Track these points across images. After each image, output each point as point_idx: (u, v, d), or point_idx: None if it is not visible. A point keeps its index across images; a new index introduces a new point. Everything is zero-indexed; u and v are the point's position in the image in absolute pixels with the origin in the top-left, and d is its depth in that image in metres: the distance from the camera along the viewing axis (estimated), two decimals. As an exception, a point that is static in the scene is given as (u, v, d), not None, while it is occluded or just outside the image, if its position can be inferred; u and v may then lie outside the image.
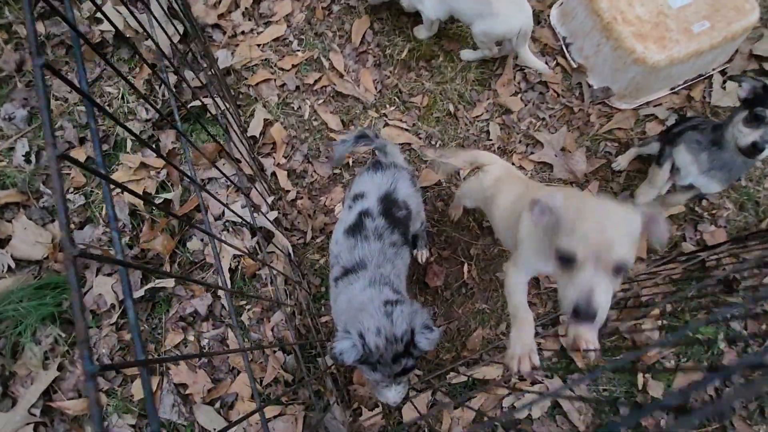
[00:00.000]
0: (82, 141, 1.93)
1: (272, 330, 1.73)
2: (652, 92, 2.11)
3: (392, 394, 1.24)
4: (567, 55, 2.18)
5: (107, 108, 1.99)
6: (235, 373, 1.70)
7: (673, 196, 1.84)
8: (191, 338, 1.73)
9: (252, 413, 0.74)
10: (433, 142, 2.03)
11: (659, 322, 1.77)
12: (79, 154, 1.92)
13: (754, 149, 1.41)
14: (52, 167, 0.39)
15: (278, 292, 1.71)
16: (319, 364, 1.69)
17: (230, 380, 1.68)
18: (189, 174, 1.05)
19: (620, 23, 1.95)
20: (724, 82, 2.16)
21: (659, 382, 1.70)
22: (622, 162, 2.00)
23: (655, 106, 2.14)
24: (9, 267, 1.72)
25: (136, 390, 1.64)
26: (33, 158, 1.89)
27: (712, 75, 2.17)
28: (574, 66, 2.15)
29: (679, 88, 2.15)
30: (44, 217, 1.82)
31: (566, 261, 0.88)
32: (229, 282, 1.77)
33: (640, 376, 1.70)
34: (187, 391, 1.64)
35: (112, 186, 1.80)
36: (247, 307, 1.76)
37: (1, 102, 1.94)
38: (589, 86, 2.12)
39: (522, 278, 1.16)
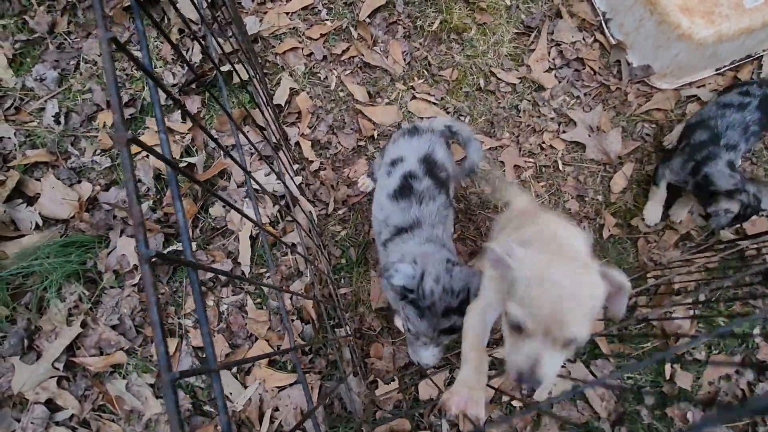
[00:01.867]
0: (109, 104, 1.93)
1: (291, 298, 1.72)
2: (696, 72, 2.00)
3: (428, 355, 1.18)
4: (606, 31, 2.08)
5: (135, 72, 2.00)
6: (253, 339, 1.70)
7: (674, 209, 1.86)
8: (211, 303, 1.74)
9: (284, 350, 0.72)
10: (461, 117, 1.97)
11: (692, 311, 1.69)
12: (107, 117, 1.92)
13: None
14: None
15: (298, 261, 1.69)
16: (337, 335, 1.67)
17: (248, 346, 1.68)
18: (214, 138, 1.02)
19: (666, -4, 1.84)
20: (775, 64, 2.03)
21: (688, 373, 1.63)
22: (673, 138, 1.91)
23: (698, 87, 2.03)
24: (37, 224, 1.75)
25: (156, 350, 1.65)
26: (62, 119, 1.91)
27: (762, 56, 2.05)
28: (613, 42, 2.05)
29: (725, 69, 2.03)
30: (71, 177, 1.84)
31: (516, 326, 0.81)
32: (249, 250, 1.76)
33: (668, 365, 1.63)
34: (205, 355, 1.64)
35: (136, 150, 1.78)
36: (267, 275, 1.75)
37: (33, 63, 1.96)
38: (629, 64, 2.02)
39: (482, 316, 1.05)
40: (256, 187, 1.81)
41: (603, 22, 2.09)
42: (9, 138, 1.87)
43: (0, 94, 1.91)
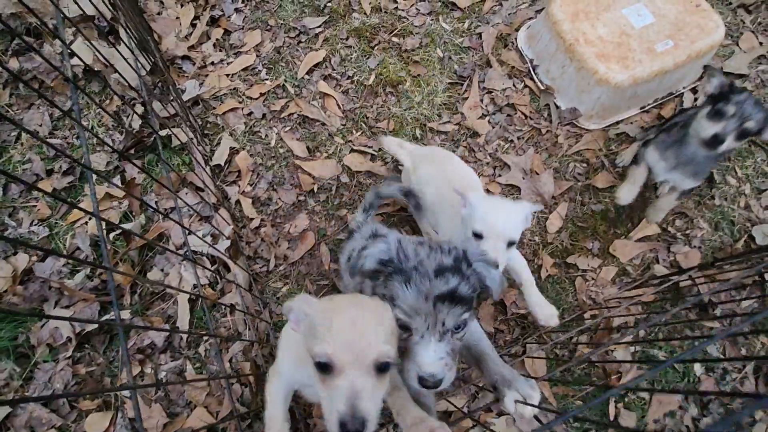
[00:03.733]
0: (49, 172, 1.94)
1: (230, 361, 1.69)
2: (620, 112, 2.09)
3: (430, 355, 0.85)
4: (534, 77, 2.17)
5: (75, 140, 2.02)
6: (192, 407, 1.65)
7: (662, 200, 1.85)
8: (148, 371, 1.70)
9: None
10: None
11: (632, 349, 1.70)
12: (46, 185, 1.93)
13: (714, 141, 1.52)
14: None
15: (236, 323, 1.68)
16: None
17: (186, 414, 1.64)
18: (152, 202, 1.02)
19: (582, 44, 1.95)
20: (696, 99, 2.14)
21: (632, 412, 1.62)
22: (625, 157, 2.01)
23: (626, 125, 2.11)
24: (-32, 300, 1.72)
25: (90, 426, 1.60)
26: (0, 190, 1.91)
27: (682, 93, 2.15)
28: (542, 88, 2.14)
29: (650, 106, 2.13)
30: (6, 249, 1.82)
31: (325, 368, 0.79)
32: (188, 313, 1.74)
33: (611, 406, 1.62)
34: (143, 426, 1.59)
35: (75, 217, 1.78)
36: (205, 338, 1.73)
37: (-28, 136, 1.98)
38: (557, 107, 2.11)
39: (282, 388, 1.06)
40: (195, 249, 1.81)
41: (531, 68, 2.19)
42: (-56, 212, 1.86)
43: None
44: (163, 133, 1.96)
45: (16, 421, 1.61)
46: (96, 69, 2.05)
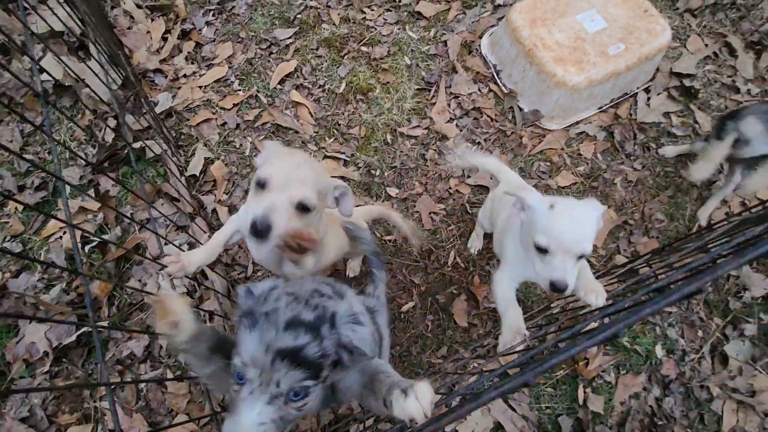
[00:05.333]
0: (21, 188, 1.94)
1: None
2: (579, 112, 2.20)
3: (251, 417, 0.74)
4: (498, 81, 2.27)
5: (47, 155, 2.02)
6: (174, 415, 1.66)
7: (752, 178, 1.81)
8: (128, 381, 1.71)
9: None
10: (372, 171, 2.08)
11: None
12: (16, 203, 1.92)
13: None
14: None
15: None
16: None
17: (168, 422, 1.65)
18: (127, 214, 1.06)
19: (541, 49, 2.06)
20: (648, 99, 2.27)
21: (600, 396, 1.70)
22: (668, 151, 2.14)
23: (585, 124, 2.23)
24: (-60, 320, 1.70)
25: (70, 439, 1.60)
26: (-30, 208, 1.90)
27: (636, 93, 2.28)
28: (506, 91, 2.24)
29: (607, 107, 2.25)
30: (-20, 266, 1.81)
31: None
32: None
33: (580, 390, 1.70)
34: (122, 438, 1.60)
35: (48, 232, 1.78)
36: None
37: (-60, 155, 1.96)
38: (521, 110, 2.21)
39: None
40: (172, 258, 1.83)
41: (495, 73, 2.29)
42: None
43: None
44: (136, 145, 1.98)
45: (-6, 439, 1.60)
46: (67, 84, 2.06)
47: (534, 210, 1.20)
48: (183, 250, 1.59)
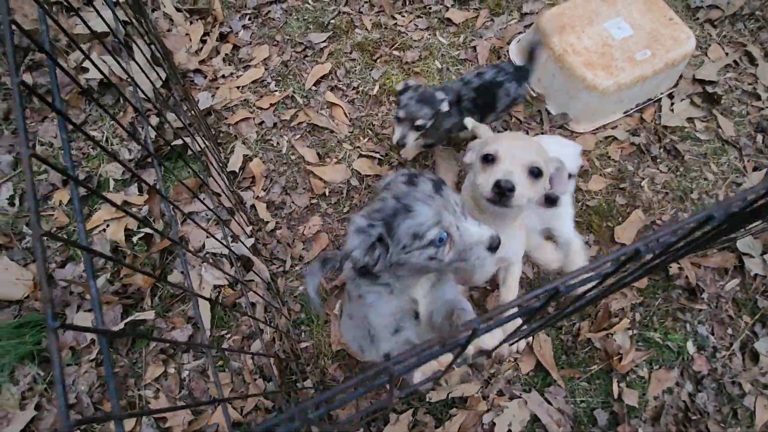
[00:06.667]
0: (65, 183, 1.99)
1: (252, 358, 1.75)
2: (606, 116, 2.26)
3: (477, 229, 0.92)
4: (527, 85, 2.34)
5: (91, 151, 2.08)
6: (217, 403, 1.69)
7: None
8: (171, 370, 1.74)
9: None
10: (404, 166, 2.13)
11: (630, 332, 1.82)
12: (63, 195, 1.98)
13: None
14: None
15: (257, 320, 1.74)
16: (299, 389, 1.70)
17: (211, 411, 1.68)
18: (169, 208, 1.10)
19: (570, 54, 2.12)
20: (672, 104, 2.33)
21: (634, 390, 1.73)
22: None
23: (612, 128, 2.28)
24: (-11, 307, 1.74)
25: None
26: (17, 201, 1.95)
27: (660, 98, 2.35)
28: (534, 95, 2.31)
29: (632, 111, 2.31)
30: (26, 257, 1.85)
31: (489, 161, 1.12)
32: (209, 314, 1.80)
33: (615, 385, 1.74)
34: (167, 425, 1.63)
35: (93, 224, 1.84)
36: (227, 336, 1.78)
37: (-14, 149, 2.02)
38: (548, 113, 2.27)
39: None
40: (214, 251, 1.88)
41: (523, 78, 2.35)
42: (-39, 223, 1.88)
43: (-48, 181, 1.94)
44: (177, 142, 2.04)
45: (41, 424, 1.63)
46: (111, 82, 2.12)
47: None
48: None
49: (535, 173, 1.10)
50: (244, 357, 1.76)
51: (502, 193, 1.05)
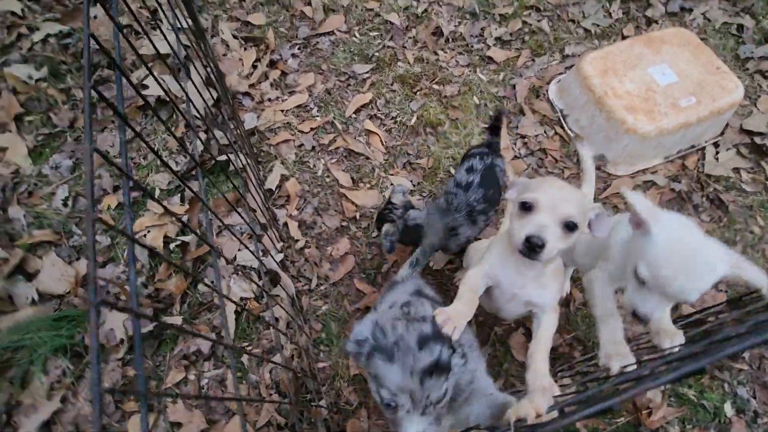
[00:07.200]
0: (115, 188, 2.12)
1: (270, 372, 1.76)
2: (646, 160, 2.22)
3: (413, 427, 0.91)
4: (564, 125, 2.34)
5: (141, 161, 2.22)
6: (230, 414, 1.71)
7: None
8: (192, 377, 1.77)
9: None
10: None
11: (662, 386, 1.72)
12: (112, 200, 2.10)
13: None
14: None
15: (278, 335, 1.76)
16: (312, 409, 1.69)
17: (225, 422, 1.69)
18: (206, 220, 1.17)
19: (611, 97, 2.12)
20: (717, 153, 2.27)
21: (664, 450, 1.63)
22: None
23: (652, 173, 2.24)
24: (33, 300, 1.84)
25: (132, 426, 1.66)
26: (70, 202, 2.09)
27: (705, 146, 2.29)
28: (572, 135, 2.30)
29: (674, 157, 2.26)
30: (71, 255, 1.97)
31: (527, 209, 1.09)
32: (233, 324, 1.84)
33: (643, 441, 1.63)
34: (181, 430, 1.65)
35: (136, 229, 1.93)
36: (249, 347, 1.81)
37: (51, 153, 2.19)
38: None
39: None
40: (244, 263, 1.94)
41: (561, 117, 2.36)
42: (18, 219, 2.03)
43: (16, 180, 2.10)
44: (221, 158, 2.15)
45: (64, 417, 1.68)
46: (170, 98, 2.28)
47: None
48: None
49: (570, 227, 1.07)
50: (262, 371, 1.78)
51: (532, 248, 1.05)
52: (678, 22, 2.70)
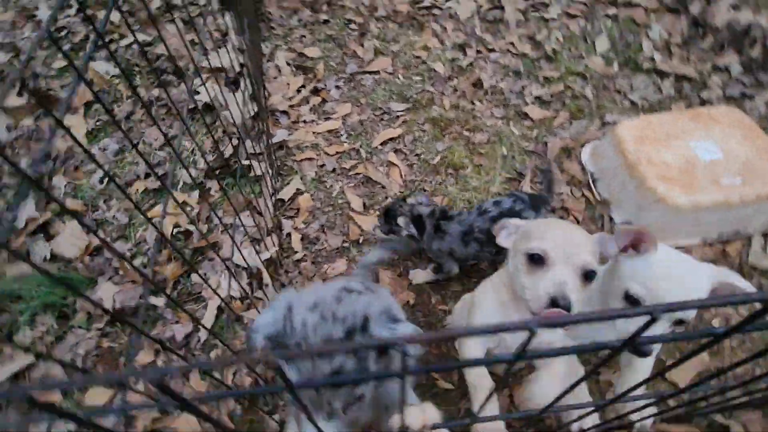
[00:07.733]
0: (147, 175, 2.28)
1: (234, 374, 1.71)
2: (679, 237, 2.04)
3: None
4: (593, 189, 2.23)
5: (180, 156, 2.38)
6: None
7: None
8: (160, 364, 1.76)
9: None
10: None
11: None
12: (141, 185, 2.26)
13: None
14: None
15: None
16: (266, 422, 1.60)
17: (177, 414, 1.64)
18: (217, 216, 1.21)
19: (645, 165, 2.01)
20: (766, 244, 2.04)
21: None
22: None
23: (686, 253, 2.04)
24: (45, 257, 1.97)
25: (92, 398, 1.66)
26: (105, 181, 2.26)
27: (752, 236, 2.07)
28: (599, 199, 2.19)
29: (714, 241, 2.06)
30: (91, 227, 2.10)
31: (537, 261, 0.98)
32: (213, 318, 1.83)
33: None
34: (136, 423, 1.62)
35: (153, 215, 2.03)
36: (219, 345, 1.78)
37: (104, 136, 2.42)
38: (611, 219, 2.12)
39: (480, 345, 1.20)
40: (238, 263, 1.96)
41: (591, 181, 2.26)
42: (59, 188, 2.22)
43: (68, 156, 2.33)
44: (245, 163, 2.25)
45: (33, 372, 1.72)
46: (213, 105, 2.48)
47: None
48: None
49: (590, 276, 0.97)
50: (226, 373, 1.73)
51: (558, 306, 0.92)
52: (736, 107, 2.56)
